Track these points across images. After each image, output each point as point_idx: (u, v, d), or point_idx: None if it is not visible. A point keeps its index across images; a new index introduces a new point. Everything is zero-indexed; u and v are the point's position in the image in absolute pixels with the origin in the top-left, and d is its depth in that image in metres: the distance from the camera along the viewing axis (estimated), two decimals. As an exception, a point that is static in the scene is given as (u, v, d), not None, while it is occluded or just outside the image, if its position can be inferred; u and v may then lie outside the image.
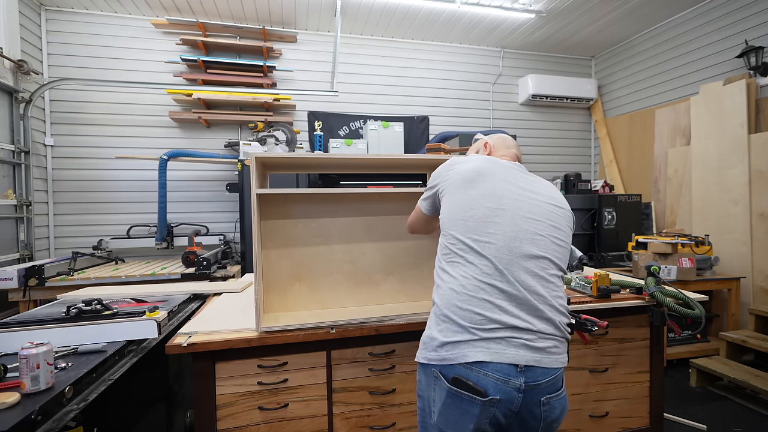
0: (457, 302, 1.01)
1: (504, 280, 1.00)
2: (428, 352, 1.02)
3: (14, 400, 0.99)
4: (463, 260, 1.05)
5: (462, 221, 1.09)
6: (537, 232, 1.08)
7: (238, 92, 3.64)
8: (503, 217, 1.07)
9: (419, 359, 1.06)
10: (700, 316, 1.65)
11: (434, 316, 1.07)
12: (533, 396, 0.96)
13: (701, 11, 3.69)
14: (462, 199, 1.12)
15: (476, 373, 0.94)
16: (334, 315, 1.57)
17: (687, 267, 2.90)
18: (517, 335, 0.97)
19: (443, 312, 1.03)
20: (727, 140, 3.33)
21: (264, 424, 1.42)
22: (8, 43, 2.96)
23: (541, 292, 1.02)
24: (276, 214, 1.66)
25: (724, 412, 2.46)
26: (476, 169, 1.16)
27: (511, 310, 0.98)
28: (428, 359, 1.02)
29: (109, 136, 3.66)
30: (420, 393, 1.09)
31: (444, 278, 1.07)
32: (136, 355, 1.43)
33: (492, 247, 1.03)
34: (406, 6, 3.67)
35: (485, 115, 4.64)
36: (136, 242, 3.53)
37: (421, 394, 1.08)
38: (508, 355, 0.95)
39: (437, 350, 1.00)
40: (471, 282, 1.01)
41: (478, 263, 1.03)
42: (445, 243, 1.12)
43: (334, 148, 3.72)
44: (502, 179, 1.15)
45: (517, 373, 0.95)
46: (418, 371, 1.09)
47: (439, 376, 0.99)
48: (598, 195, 3.80)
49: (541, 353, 0.98)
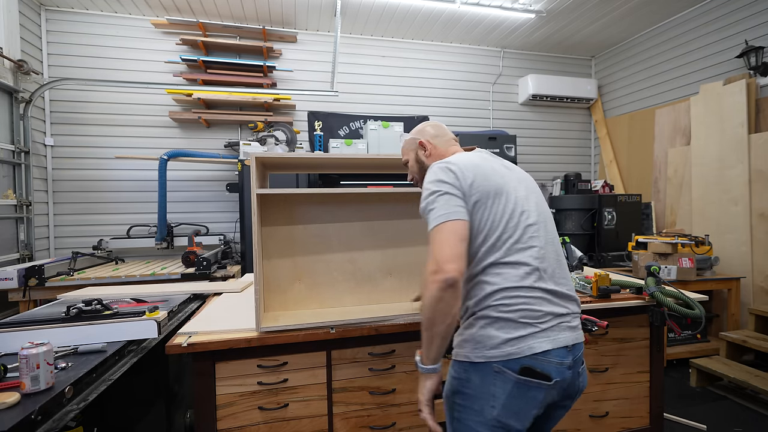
0: (509, 302, 1.03)
1: (545, 274, 1.07)
2: (487, 350, 1.03)
3: (14, 400, 0.99)
4: (505, 264, 1.06)
5: (500, 230, 1.06)
6: (547, 212, 1.18)
7: (238, 92, 3.64)
8: (530, 212, 1.11)
9: (473, 359, 1.04)
10: (700, 316, 1.65)
11: (482, 318, 1.05)
12: (575, 370, 1.07)
13: (701, 11, 3.69)
14: (491, 208, 1.08)
15: (540, 362, 1.01)
16: (334, 315, 1.57)
17: (687, 267, 2.90)
18: (562, 320, 1.06)
19: (497, 315, 1.03)
20: (727, 140, 3.34)
21: (264, 424, 1.42)
22: (8, 43, 2.96)
23: (565, 275, 1.13)
24: (276, 214, 1.66)
25: (724, 412, 2.46)
26: (483, 175, 1.10)
27: (555, 300, 1.07)
28: (488, 357, 1.02)
29: (109, 136, 3.66)
30: (468, 392, 1.06)
31: (490, 281, 1.05)
32: (136, 355, 1.43)
33: (533, 250, 1.07)
34: (406, 6, 3.67)
35: (485, 115, 4.64)
36: (136, 242, 3.53)
37: (472, 393, 1.05)
38: (561, 339, 1.04)
39: (500, 347, 1.02)
40: (520, 282, 1.04)
41: (522, 261, 1.06)
42: (482, 251, 1.08)
43: (334, 148, 3.72)
44: (500, 174, 1.13)
45: (567, 353, 1.05)
46: (467, 371, 1.06)
47: (502, 370, 1.02)
48: (598, 195, 3.81)
49: (576, 330, 1.10)
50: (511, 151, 4.06)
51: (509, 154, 4.05)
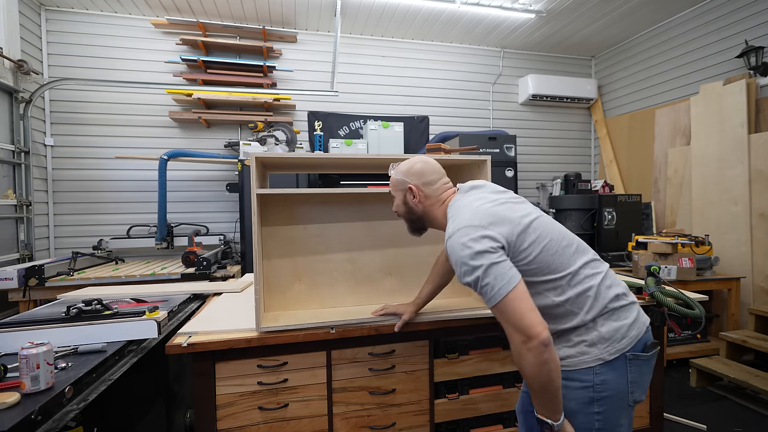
0: (606, 300, 1.07)
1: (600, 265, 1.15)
2: (617, 344, 1.05)
3: (14, 400, 0.99)
4: (585, 266, 1.10)
5: (551, 259, 1.07)
6: None
7: (238, 92, 3.64)
8: (548, 225, 1.12)
9: (607, 357, 1.04)
10: (700, 316, 1.65)
11: (600, 317, 1.06)
12: None
13: (701, 11, 3.69)
14: (539, 231, 1.08)
15: (648, 332, 1.10)
16: (334, 314, 1.57)
17: (687, 267, 2.89)
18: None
19: (612, 307, 1.07)
20: (727, 140, 3.33)
21: (264, 424, 1.42)
22: (8, 43, 2.96)
23: None
24: (276, 214, 1.66)
25: (724, 412, 2.46)
26: (505, 217, 1.07)
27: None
28: (620, 349, 1.05)
29: (109, 136, 3.67)
30: (606, 394, 1.05)
31: (588, 285, 1.07)
32: (136, 355, 1.43)
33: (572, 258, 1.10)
34: (406, 6, 3.67)
35: (485, 115, 4.64)
36: (136, 242, 3.53)
37: (612, 393, 1.04)
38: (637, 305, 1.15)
39: (626, 336, 1.06)
40: (600, 284, 1.08)
41: (589, 258, 1.12)
42: (548, 287, 1.08)
43: (334, 148, 3.72)
44: (509, 202, 1.14)
45: None
46: (599, 374, 1.05)
47: (635, 356, 1.06)
48: (598, 195, 3.80)
49: None
50: (511, 151, 4.06)
51: (509, 154, 4.05)
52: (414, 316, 1.50)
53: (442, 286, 1.53)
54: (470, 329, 1.61)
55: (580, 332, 1.06)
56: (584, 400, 1.05)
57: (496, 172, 3.91)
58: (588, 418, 1.06)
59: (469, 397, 1.63)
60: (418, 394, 1.58)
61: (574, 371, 1.06)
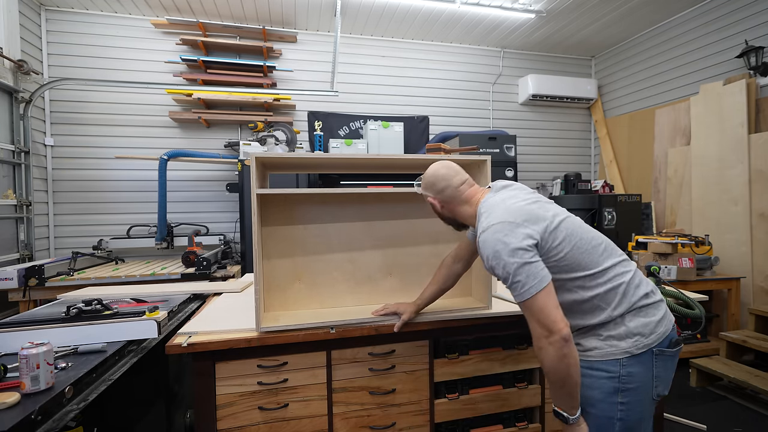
0: (635, 298, 1.11)
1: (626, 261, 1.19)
2: (645, 339, 1.09)
3: (14, 400, 0.99)
4: (616, 264, 1.14)
5: (581, 257, 1.12)
6: None
7: (238, 92, 3.64)
8: (578, 225, 1.17)
9: (635, 351, 1.08)
10: (700, 316, 1.65)
11: (629, 312, 1.10)
12: None
13: (701, 11, 3.69)
14: (568, 228, 1.13)
15: (673, 329, 1.14)
16: (334, 314, 1.57)
17: (687, 267, 2.90)
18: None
19: (641, 304, 1.11)
20: (727, 140, 3.33)
21: (264, 424, 1.42)
22: (8, 43, 2.96)
23: None
24: (276, 214, 1.66)
25: (724, 412, 2.46)
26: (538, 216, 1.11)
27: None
28: (647, 344, 1.09)
29: (109, 136, 3.67)
30: (631, 386, 1.08)
31: (621, 281, 1.11)
32: (136, 355, 1.43)
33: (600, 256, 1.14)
34: (406, 6, 3.67)
35: (485, 115, 4.64)
36: (136, 242, 3.53)
37: (638, 385, 1.08)
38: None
39: (654, 332, 1.10)
40: (629, 283, 1.13)
41: (618, 257, 1.16)
42: (578, 284, 1.12)
43: (334, 148, 3.72)
44: (538, 201, 1.18)
45: None
46: (625, 366, 1.08)
47: (661, 351, 1.11)
48: (598, 195, 3.80)
49: None
50: (511, 151, 4.06)
51: (509, 154, 4.05)
52: (414, 316, 1.50)
53: (445, 290, 1.54)
54: (470, 329, 1.61)
55: (609, 327, 1.11)
56: (609, 390, 1.09)
57: (496, 172, 3.91)
58: (611, 407, 1.10)
59: (469, 397, 1.63)
60: (418, 394, 1.58)
61: (600, 362, 1.10)
